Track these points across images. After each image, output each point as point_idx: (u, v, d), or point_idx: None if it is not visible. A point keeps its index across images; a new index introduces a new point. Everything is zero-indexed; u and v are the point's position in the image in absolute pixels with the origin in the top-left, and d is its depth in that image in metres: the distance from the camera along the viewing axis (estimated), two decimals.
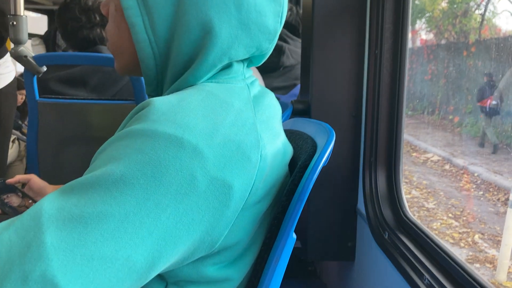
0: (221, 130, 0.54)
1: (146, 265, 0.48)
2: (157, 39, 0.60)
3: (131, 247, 0.47)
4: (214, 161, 0.52)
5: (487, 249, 2.97)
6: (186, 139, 0.50)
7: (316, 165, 0.66)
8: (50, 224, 0.46)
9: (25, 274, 0.43)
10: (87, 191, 0.48)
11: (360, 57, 1.45)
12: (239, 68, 0.65)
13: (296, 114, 1.51)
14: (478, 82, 3.65)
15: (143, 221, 0.48)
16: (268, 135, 0.61)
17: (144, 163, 0.49)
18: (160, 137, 0.50)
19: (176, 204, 0.49)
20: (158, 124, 0.51)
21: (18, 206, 1.03)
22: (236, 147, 0.54)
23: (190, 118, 0.53)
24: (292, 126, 0.90)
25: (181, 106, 0.54)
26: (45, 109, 1.55)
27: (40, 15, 4.63)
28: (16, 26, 1.41)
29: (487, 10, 3.96)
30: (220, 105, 0.57)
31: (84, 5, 1.57)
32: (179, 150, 0.50)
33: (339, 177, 1.51)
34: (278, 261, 0.62)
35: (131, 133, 0.51)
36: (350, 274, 1.60)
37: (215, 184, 0.52)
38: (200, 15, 0.58)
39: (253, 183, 0.56)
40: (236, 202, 0.55)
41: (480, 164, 3.80)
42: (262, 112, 0.62)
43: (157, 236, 0.48)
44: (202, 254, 0.56)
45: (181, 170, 0.50)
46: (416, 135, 4.88)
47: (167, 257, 0.50)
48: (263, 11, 0.61)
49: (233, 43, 0.60)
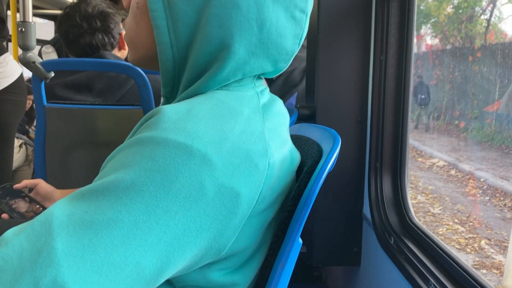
0: (229, 138, 0.54)
1: (155, 271, 0.49)
2: (178, 44, 0.61)
3: (140, 254, 0.47)
4: (222, 169, 0.52)
5: (493, 255, 2.95)
6: (196, 147, 0.51)
7: (322, 170, 0.66)
8: (61, 230, 0.46)
9: (36, 279, 0.44)
10: (97, 198, 0.48)
11: (365, 63, 1.45)
12: (250, 80, 0.65)
13: (302, 119, 1.51)
14: (483, 88, 3.64)
15: (152, 228, 0.48)
16: (276, 143, 0.61)
17: (153, 171, 0.49)
18: (170, 145, 0.51)
19: (185, 211, 0.50)
20: (168, 132, 0.52)
21: (25, 212, 1.04)
22: (244, 155, 0.55)
23: (200, 127, 0.53)
24: (297, 132, 0.91)
25: (190, 114, 0.55)
26: (53, 114, 1.56)
27: (47, 21, 4.67)
28: (25, 33, 1.43)
29: (493, 15, 3.95)
30: (229, 113, 0.58)
31: (84, 12, 1.58)
32: (189, 158, 0.51)
33: (344, 182, 1.51)
34: (284, 266, 0.62)
35: (141, 140, 0.52)
36: (355, 279, 1.60)
37: (223, 192, 0.52)
38: (222, 29, 0.59)
39: (260, 191, 0.57)
40: (244, 210, 0.55)
41: (486, 169, 3.78)
42: (271, 120, 0.63)
43: (166, 242, 0.49)
44: (209, 260, 0.56)
45: (190, 178, 0.50)
46: (421, 140, 4.87)
47: (175, 264, 0.51)
48: (284, 32, 0.62)
49: (249, 61, 0.61)
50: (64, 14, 1.62)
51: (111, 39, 1.62)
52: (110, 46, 1.63)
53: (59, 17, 1.66)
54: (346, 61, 1.45)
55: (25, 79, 2.12)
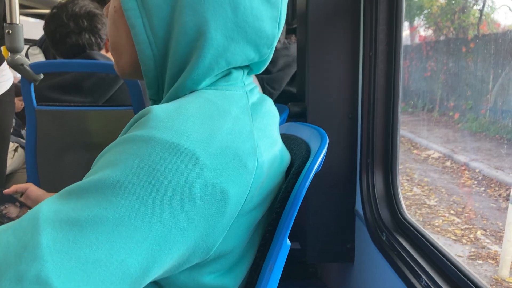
0: (218, 137, 0.54)
1: (140, 269, 0.49)
2: (156, 40, 0.61)
3: (126, 252, 0.48)
4: (210, 168, 0.52)
5: (489, 245, 2.97)
6: (183, 146, 0.51)
7: (308, 171, 0.66)
8: (47, 225, 0.47)
9: (20, 274, 0.44)
10: (83, 195, 0.49)
11: (355, 59, 1.45)
12: (238, 76, 0.65)
13: (293, 116, 1.51)
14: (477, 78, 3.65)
15: (138, 226, 0.48)
16: (265, 142, 0.61)
17: (140, 169, 0.49)
18: (157, 143, 0.51)
19: (171, 210, 0.50)
20: (155, 131, 0.52)
21: (16, 217, 1.04)
22: (233, 154, 0.55)
23: (187, 125, 0.53)
24: (287, 131, 0.90)
25: (179, 113, 0.54)
26: (43, 116, 1.55)
27: (37, 20, 4.64)
28: (12, 35, 1.41)
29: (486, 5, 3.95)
30: (218, 112, 0.57)
31: (71, 12, 1.57)
32: (175, 156, 0.50)
33: (336, 178, 1.52)
34: (272, 269, 0.62)
35: (129, 139, 0.52)
36: (350, 275, 1.61)
37: (211, 191, 0.52)
38: (196, 16, 0.59)
39: (249, 190, 0.57)
40: (232, 209, 0.55)
41: (481, 160, 3.79)
42: (260, 120, 0.63)
43: (152, 241, 0.49)
44: (197, 260, 0.56)
45: (177, 176, 0.50)
46: (416, 132, 4.88)
47: (161, 263, 0.51)
48: (260, 15, 0.61)
49: (229, 46, 0.60)
50: (51, 14, 1.61)
51: (98, 39, 1.61)
52: (97, 46, 1.62)
53: (46, 17, 1.65)
54: (336, 58, 1.45)
55: (16, 80, 2.12)
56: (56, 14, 1.59)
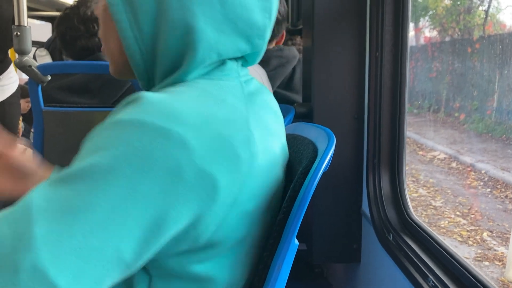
0: (211, 124, 0.54)
1: (134, 255, 0.50)
2: (142, 35, 0.60)
3: (119, 238, 0.48)
4: (201, 154, 0.52)
5: (496, 247, 2.95)
6: (174, 130, 0.51)
7: (316, 171, 0.66)
8: (39, 215, 0.47)
9: (17, 265, 0.45)
10: (75, 183, 0.49)
11: (361, 60, 1.45)
12: (232, 66, 0.64)
13: (299, 117, 1.52)
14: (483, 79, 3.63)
15: (130, 212, 0.49)
16: (261, 133, 0.60)
17: (130, 154, 0.49)
18: (148, 128, 0.50)
19: (163, 196, 0.50)
20: (146, 115, 0.51)
21: None
22: (225, 142, 0.54)
23: (181, 110, 0.53)
24: (293, 131, 0.91)
25: (172, 99, 0.54)
26: (51, 118, 1.56)
27: (44, 23, 4.67)
28: (20, 37, 1.42)
29: (491, 6, 3.94)
30: (213, 100, 0.57)
31: (83, 15, 1.58)
32: (166, 141, 0.50)
33: (343, 179, 1.52)
34: (280, 268, 0.63)
35: (119, 122, 0.52)
36: (356, 275, 1.61)
37: (202, 176, 0.52)
38: (184, 10, 0.58)
39: (242, 180, 0.56)
40: (224, 198, 0.54)
41: (487, 161, 3.77)
42: (256, 110, 0.62)
43: (145, 226, 0.49)
44: (186, 246, 0.56)
45: (167, 161, 0.50)
46: (422, 133, 4.86)
47: (153, 247, 0.51)
48: (249, 6, 0.60)
49: (220, 38, 0.60)
50: (63, 15, 1.62)
51: None
52: None
53: (58, 17, 1.66)
54: (342, 59, 1.45)
55: (22, 82, 2.14)
56: (68, 16, 1.60)
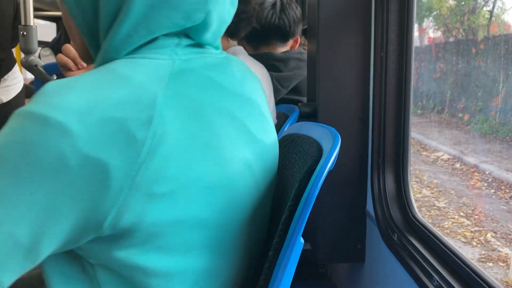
0: (101, 108, 0.53)
1: (31, 241, 0.51)
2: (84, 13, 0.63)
3: (12, 223, 0.50)
4: (86, 139, 0.51)
5: (500, 248, 2.94)
6: (53, 117, 0.51)
7: (321, 170, 0.66)
8: None
9: None
10: None
11: (366, 60, 1.45)
12: (167, 43, 0.63)
13: (303, 117, 1.52)
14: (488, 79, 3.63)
15: (20, 198, 0.50)
16: (183, 112, 0.58)
17: (14, 143, 0.51)
18: (30, 117, 0.52)
19: (51, 182, 0.51)
20: (34, 105, 0.52)
21: None
22: (117, 125, 0.53)
23: (67, 97, 0.53)
24: (298, 130, 0.91)
25: (65, 86, 0.54)
26: None
27: (49, 23, 4.68)
28: (27, 36, 1.44)
29: (496, 6, 3.93)
30: (113, 81, 0.56)
31: None
32: (46, 129, 0.51)
33: (347, 179, 1.52)
34: (286, 266, 0.63)
35: (15, 113, 0.54)
36: (360, 275, 1.61)
37: (88, 162, 0.52)
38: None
39: (142, 162, 0.54)
40: (119, 182, 0.53)
41: (492, 162, 3.76)
42: (183, 88, 0.60)
43: (37, 212, 0.50)
44: (92, 234, 0.56)
45: (49, 149, 0.50)
46: (425, 134, 4.85)
47: (52, 234, 0.52)
48: None
49: (151, 14, 0.59)
50: None
51: None
52: None
53: None
54: (347, 58, 1.45)
55: (28, 81, 2.15)
56: None
